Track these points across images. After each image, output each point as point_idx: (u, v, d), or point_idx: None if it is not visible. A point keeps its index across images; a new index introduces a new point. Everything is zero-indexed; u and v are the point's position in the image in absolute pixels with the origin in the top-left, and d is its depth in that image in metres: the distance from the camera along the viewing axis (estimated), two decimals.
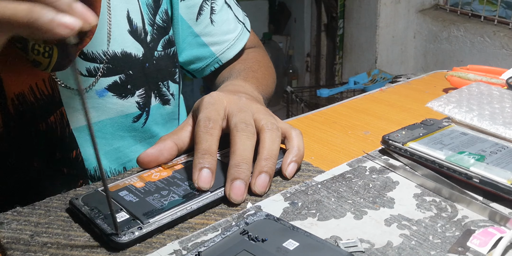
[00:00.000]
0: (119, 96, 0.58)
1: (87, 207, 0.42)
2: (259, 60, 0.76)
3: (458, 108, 0.56)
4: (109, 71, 0.57)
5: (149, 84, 0.61)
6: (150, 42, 0.61)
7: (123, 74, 0.58)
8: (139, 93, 0.60)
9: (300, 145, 0.49)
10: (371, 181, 0.47)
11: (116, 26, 0.57)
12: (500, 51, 1.70)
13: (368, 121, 0.64)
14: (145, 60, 0.60)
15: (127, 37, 0.58)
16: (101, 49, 0.56)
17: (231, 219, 0.42)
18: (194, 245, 0.39)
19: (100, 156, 0.59)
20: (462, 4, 1.89)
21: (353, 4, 2.30)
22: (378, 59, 2.17)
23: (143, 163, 0.48)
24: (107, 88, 0.57)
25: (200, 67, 0.73)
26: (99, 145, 0.59)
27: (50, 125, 0.55)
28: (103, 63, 0.56)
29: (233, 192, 0.43)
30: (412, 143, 0.50)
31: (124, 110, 0.59)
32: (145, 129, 0.63)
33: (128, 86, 0.59)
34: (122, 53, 0.58)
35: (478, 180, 0.44)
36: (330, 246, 0.36)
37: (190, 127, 0.51)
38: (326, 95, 2.29)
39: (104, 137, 0.60)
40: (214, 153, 0.45)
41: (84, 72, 0.55)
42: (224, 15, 0.71)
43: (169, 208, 0.41)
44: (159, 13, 0.62)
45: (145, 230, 0.39)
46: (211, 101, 0.50)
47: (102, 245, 0.39)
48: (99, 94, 0.57)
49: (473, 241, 0.38)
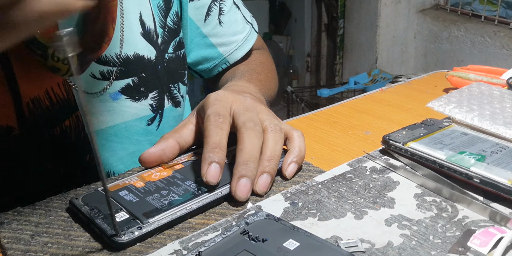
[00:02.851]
0: (133, 99, 0.58)
1: (87, 207, 0.42)
2: (263, 62, 0.76)
3: (458, 108, 0.56)
4: (122, 74, 0.57)
5: (162, 86, 0.61)
6: (161, 44, 0.61)
7: (136, 76, 0.58)
8: (152, 96, 0.60)
9: (302, 146, 0.49)
10: (371, 181, 0.47)
11: (129, 29, 0.57)
12: (500, 51, 1.70)
13: (369, 121, 0.64)
14: (157, 63, 0.60)
15: (140, 39, 0.58)
16: (114, 52, 0.56)
17: (232, 219, 0.42)
18: (195, 245, 0.39)
19: (116, 161, 0.60)
20: (463, 4, 1.89)
21: (353, 4, 2.30)
22: (378, 59, 2.17)
23: (145, 162, 0.47)
24: (121, 91, 0.57)
25: (208, 67, 0.73)
26: (114, 150, 0.59)
27: (65, 129, 0.55)
28: (116, 66, 0.56)
29: (239, 190, 0.43)
30: (413, 143, 0.50)
31: (138, 113, 0.59)
32: (159, 132, 0.63)
33: (141, 88, 0.59)
34: (134, 56, 0.57)
35: (479, 180, 0.44)
36: (331, 246, 0.36)
37: (192, 125, 0.51)
38: (326, 95, 2.29)
39: (120, 141, 0.59)
40: (224, 147, 0.45)
41: (98, 76, 0.55)
42: (232, 16, 0.71)
43: (169, 208, 0.41)
44: (170, 15, 0.62)
45: (145, 230, 0.39)
46: (218, 98, 0.49)
47: (102, 245, 0.39)
48: (113, 97, 0.57)
49: (474, 241, 0.38)
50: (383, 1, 2.06)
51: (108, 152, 0.59)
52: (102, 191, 0.44)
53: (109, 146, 0.59)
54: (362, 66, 2.31)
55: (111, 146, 0.59)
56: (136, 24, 0.58)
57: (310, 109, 1.97)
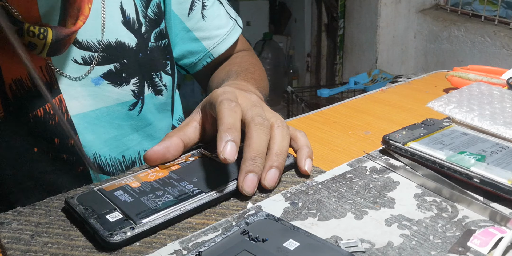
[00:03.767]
0: (115, 84, 0.60)
1: (81, 206, 0.42)
2: (253, 63, 0.77)
3: (458, 108, 0.56)
4: (104, 59, 0.58)
5: (142, 73, 0.63)
6: (144, 33, 0.63)
7: (117, 62, 0.60)
8: (134, 82, 0.62)
9: (309, 144, 0.50)
10: (371, 181, 0.47)
11: (110, 16, 0.59)
12: (500, 51, 1.70)
13: (369, 121, 0.64)
14: (138, 50, 0.62)
15: (121, 27, 0.60)
16: (96, 38, 0.57)
17: (232, 219, 0.42)
18: (195, 245, 0.39)
19: (100, 144, 0.61)
20: (463, 4, 1.89)
21: (353, 4, 2.30)
22: (378, 59, 2.17)
23: (150, 160, 0.48)
24: (103, 76, 0.59)
25: (193, 61, 0.75)
26: (98, 133, 0.61)
27: (48, 111, 0.56)
28: (98, 52, 0.58)
29: (246, 185, 0.44)
30: (413, 143, 0.50)
31: (120, 98, 0.61)
32: (141, 117, 0.64)
33: (123, 74, 0.61)
34: (116, 43, 0.59)
35: (479, 180, 0.44)
36: (331, 246, 0.36)
37: (196, 123, 0.51)
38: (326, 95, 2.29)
39: (102, 125, 0.61)
40: (238, 129, 0.45)
41: (80, 61, 0.57)
42: (215, 10, 0.73)
43: (162, 209, 0.41)
44: (151, 6, 0.64)
45: (138, 231, 0.39)
46: (226, 91, 0.49)
47: (102, 245, 0.39)
48: (95, 82, 0.58)
49: (474, 241, 0.38)
50: (383, 1, 2.06)
51: (92, 135, 0.60)
52: (98, 190, 0.44)
53: (92, 129, 0.60)
54: (362, 66, 2.31)
55: (94, 129, 0.60)
56: (117, 12, 0.60)
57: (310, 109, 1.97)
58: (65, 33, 0.51)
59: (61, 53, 0.54)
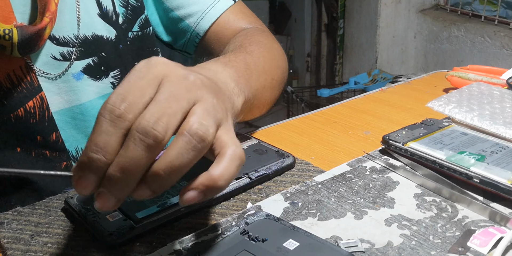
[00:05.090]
0: (94, 78, 0.60)
1: (81, 206, 0.42)
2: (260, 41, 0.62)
3: (458, 108, 0.56)
4: (82, 54, 0.58)
5: (124, 64, 0.63)
6: (123, 23, 0.62)
7: (95, 56, 0.60)
8: (114, 74, 0.62)
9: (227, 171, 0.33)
10: (371, 181, 0.47)
11: (85, 10, 0.58)
12: (500, 51, 1.70)
13: (369, 121, 0.64)
14: (118, 42, 0.61)
15: (97, 20, 0.60)
16: (72, 33, 0.57)
17: (231, 219, 0.42)
18: (195, 245, 0.39)
19: (84, 138, 0.61)
20: (463, 4, 1.89)
21: (353, 4, 2.30)
22: (378, 59, 2.17)
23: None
24: (83, 71, 0.59)
25: (184, 43, 0.70)
26: (81, 128, 0.61)
27: (29, 110, 0.56)
28: (75, 47, 0.58)
29: None
30: (413, 143, 0.50)
31: (100, 91, 0.61)
32: None
33: (102, 67, 0.60)
34: (93, 36, 0.59)
35: (479, 180, 0.44)
36: (331, 246, 0.36)
37: None
38: (326, 95, 2.29)
39: (87, 120, 0.61)
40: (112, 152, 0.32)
41: (59, 57, 0.57)
42: None
43: (162, 209, 0.41)
44: None
45: (137, 231, 0.39)
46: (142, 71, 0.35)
47: (102, 245, 0.39)
48: (76, 78, 0.59)
49: (474, 241, 0.38)
50: (383, 1, 2.06)
51: (75, 130, 0.60)
52: None
53: (75, 124, 0.60)
54: (362, 66, 2.31)
55: (77, 124, 0.60)
56: (93, 5, 0.59)
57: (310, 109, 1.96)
58: (31, 31, 0.51)
59: (35, 51, 0.53)
